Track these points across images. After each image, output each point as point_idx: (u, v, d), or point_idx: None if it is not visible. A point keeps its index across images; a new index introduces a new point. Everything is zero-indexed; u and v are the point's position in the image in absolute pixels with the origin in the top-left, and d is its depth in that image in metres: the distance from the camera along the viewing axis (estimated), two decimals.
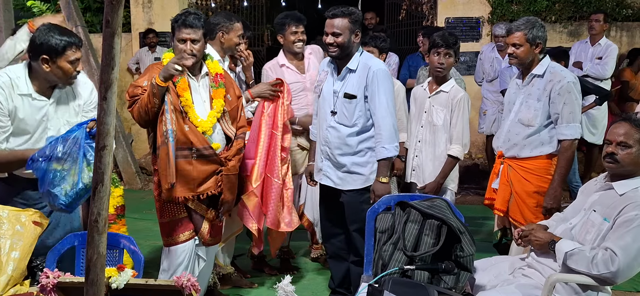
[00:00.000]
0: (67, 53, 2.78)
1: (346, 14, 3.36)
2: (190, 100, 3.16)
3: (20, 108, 2.80)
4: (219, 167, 3.22)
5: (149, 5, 8.65)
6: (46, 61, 2.78)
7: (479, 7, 7.98)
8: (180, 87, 3.15)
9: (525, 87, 3.48)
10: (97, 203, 1.66)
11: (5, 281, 2.42)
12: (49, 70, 2.79)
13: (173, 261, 3.24)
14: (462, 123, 3.69)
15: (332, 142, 3.46)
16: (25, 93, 2.81)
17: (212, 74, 3.31)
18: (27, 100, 2.82)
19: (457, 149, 3.70)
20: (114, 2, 1.59)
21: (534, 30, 3.39)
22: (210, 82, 3.28)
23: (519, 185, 3.47)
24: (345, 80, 3.42)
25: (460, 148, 3.69)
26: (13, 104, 2.79)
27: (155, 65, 3.26)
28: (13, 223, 2.60)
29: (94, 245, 1.68)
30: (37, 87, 2.85)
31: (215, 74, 3.32)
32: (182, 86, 3.16)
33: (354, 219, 3.47)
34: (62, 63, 2.78)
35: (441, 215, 2.78)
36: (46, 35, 2.77)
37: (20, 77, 2.82)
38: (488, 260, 3.07)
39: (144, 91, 3.09)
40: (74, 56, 2.82)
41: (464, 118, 3.69)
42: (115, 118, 1.67)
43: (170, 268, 3.24)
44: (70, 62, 2.80)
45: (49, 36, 2.76)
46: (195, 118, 3.16)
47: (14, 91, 2.79)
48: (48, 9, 9.29)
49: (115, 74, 1.64)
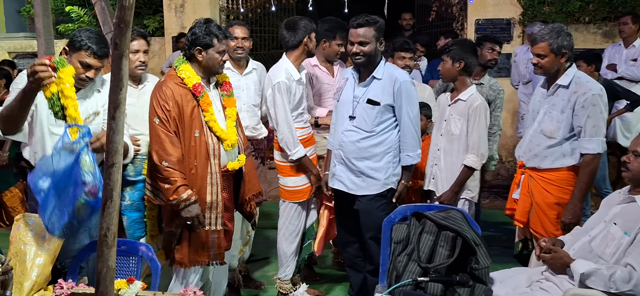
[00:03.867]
0: (81, 52, 2.90)
1: (371, 23, 3.38)
2: (214, 115, 3.18)
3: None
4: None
5: (181, 10, 8.81)
6: (66, 51, 2.97)
7: (510, 8, 7.85)
8: (205, 101, 3.15)
9: (550, 97, 3.39)
10: (106, 219, 1.73)
11: (29, 286, 2.51)
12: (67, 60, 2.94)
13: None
14: (479, 133, 3.63)
15: (347, 146, 3.48)
16: None
17: (220, 82, 3.33)
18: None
19: (472, 159, 3.65)
20: (122, 26, 1.64)
21: (559, 39, 3.27)
22: (220, 91, 3.30)
23: (539, 196, 3.40)
24: (369, 87, 3.45)
25: (476, 158, 3.64)
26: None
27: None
28: (38, 230, 2.69)
29: (103, 259, 1.74)
30: None
31: (224, 82, 3.34)
32: (206, 100, 3.16)
33: (369, 227, 3.47)
34: (74, 59, 2.92)
35: (456, 226, 2.77)
36: (78, 31, 2.97)
37: None
38: (506, 272, 3.04)
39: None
40: (86, 59, 2.91)
41: (480, 127, 3.63)
42: (123, 136, 1.73)
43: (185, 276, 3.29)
44: (81, 62, 2.91)
45: (79, 32, 2.96)
46: (220, 131, 3.17)
47: None
48: (85, 14, 9.60)
49: (123, 94, 1.69)
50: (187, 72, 3.15)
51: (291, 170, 3.84)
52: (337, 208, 3.72)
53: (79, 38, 2.92)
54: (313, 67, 4.21)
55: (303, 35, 3.78)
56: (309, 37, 3.81)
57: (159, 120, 3.04)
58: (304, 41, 3.79)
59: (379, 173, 3.46)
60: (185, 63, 3.19)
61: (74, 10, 9.54)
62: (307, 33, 3.80)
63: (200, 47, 3.13)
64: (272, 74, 3.79)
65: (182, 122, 3.07)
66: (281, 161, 3.88)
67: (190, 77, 3.14)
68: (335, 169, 3.59)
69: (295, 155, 3.74)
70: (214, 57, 3.15)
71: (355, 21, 3.42)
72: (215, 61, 3.16)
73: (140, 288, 2.19)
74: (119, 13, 1.62)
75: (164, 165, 3.00)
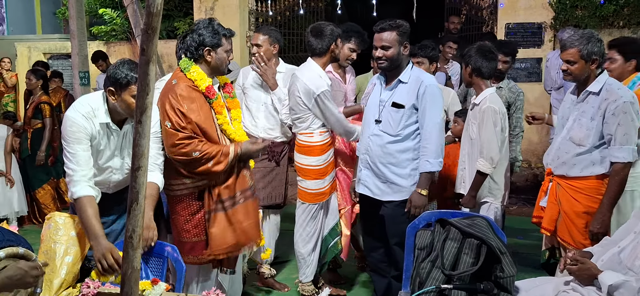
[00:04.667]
0: (131, 87, 2.77)
1: (394, 27, 3.39)
2: (226, 117, 3.20)
3: (99, 136, 2.88)
4: None
5: (211, 12, 8.92)
6: (112, 93, 2.83)
7: (541, 12, 7.73)
8: (218, 104, 3.17)
9: (580, 104, 3.33)
10: (131, 221, 1.76)
11: (58, 284, 2.58)
12: (114, 102, 2.84)
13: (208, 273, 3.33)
14: (487, 136, 3.58)
15: (374, 151, 3.48)
16: (103, 121, 2.88)
17: (222, 84, 3.33)
18: (105, 128, 2.90)
19: (481, 163, 3.60)
20: (149, 32, 1.68)
21: (589, 45, 3.21)
22: (223, 93, 3.30)
23: (567, 204, 3.34)
24: (394, 91, 3.44)
25: (485, 162, 3.59)
26: (95, 131, 2.86)
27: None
28: (68, 229, 2.76)
29: (128, 260, 1.78)
30: (111, 118, 2.91)
31: (225, 85, 3.34)
32: (220, 103, 3.18)
33: (394, 232, 3.46)
34: (126, 97, 2.80)
35: (481, 234, 2.74)
36: (116, 68, 2.82)
37: (100, 108, 2.89)
38: (531, 281, 2.99)
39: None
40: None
41: (488, 131, 3.57)
42: (149, 140, 1.77)
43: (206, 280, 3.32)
44: (133, 96, 2.76)
45: (118, 69, 2.81)
46: (233, 133, 3.20)
47: (95, 120, 2.86)
48: (118, 17, 9.79)
49: (150, 99, 1.73)
50: (198, 74, 3.11)
51: (314, 173, 3.87)
52: (363, 212, 3.72)
53: (123, 74, 2.77)
54: (327, 73, 4.22)
55: (330, 42, 3.82)
56: (335, 44, 3.84)
57: (171, 124, 3.00)
58: (330, 48, 3.83)
59: (404, 180, 3.44)
60: (194, 65, 3.14)
61: (107, 13, 9.75)
62: (334, 39, 3.83)
63: (209, 47, 3.10)
64: (311, 84, 3.75)
65: (204, 122, 3.07)
66: (303, 164, 3.90)
67: (202, 80, 3.10)
68: (361, 174, 3.59)
69: (359, 133, 3.83)
70: (222, 56, 3.15)
71: (378, 26, 3.43)
72: (224, 60, 3.16)
73: (164, 289, 2.23)
74: (147, 19, 1.65)
75: (195, 155, 3.00)
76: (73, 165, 2.80)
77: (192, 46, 3.12)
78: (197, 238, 3.15)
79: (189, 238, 3.15)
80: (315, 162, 3.86)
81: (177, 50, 3.79)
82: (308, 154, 3.87)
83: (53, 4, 12.23)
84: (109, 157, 2.96)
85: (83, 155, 2.81)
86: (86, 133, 2.83)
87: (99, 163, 2.94)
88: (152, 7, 1.63)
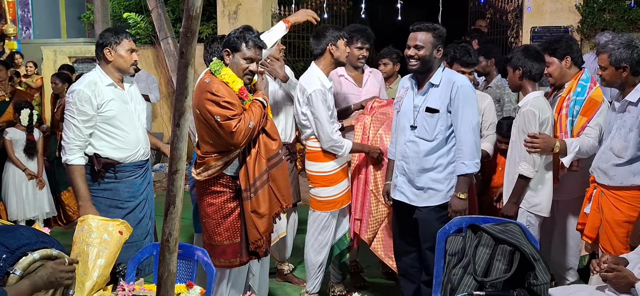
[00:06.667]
0: (124, 42, 3.33)
1: (430, 29, 3.35)
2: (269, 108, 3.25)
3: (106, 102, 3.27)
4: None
5: (234, 16, 8.96)
6: (109, 52, 3.32)
7: (568, 16, 7.59)
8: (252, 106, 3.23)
9: (621, 114, 3.27)
10: (168, 224, 1.76)
11: (90, 286, 2.59)
12: (111, 59, 3.32)
13: (238, 276, 3.34)
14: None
15: (410, 157, 3.43)
16: (108, 83, 3.33)
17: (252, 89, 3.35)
18: (112, 90, 3.33)
19: (523, 167, 3.45)
20: (188, 35, 1.68)
21: (618, 51, 3.15)
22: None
23: (609, 213, 3.27)
24: (427, 95, 3.40)
25: (527, 165, 3.44)
26: (105, 98, 3.27)
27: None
28: (101, 232, 2.77)
29: (165, 263, 1.77)
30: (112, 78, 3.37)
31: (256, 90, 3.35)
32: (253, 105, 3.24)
33: (427, 237, 3.39)
34: (120, 51, 3.32)
35: (514, 240, 2.70)
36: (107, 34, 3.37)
37: (99, 76, 3.35)
38: (565, 289, 2.95)
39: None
40: (129, 46, 3.36)
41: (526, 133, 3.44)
42: (186, 143, 1.76)
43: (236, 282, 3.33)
44: (127, 49, 3.34)
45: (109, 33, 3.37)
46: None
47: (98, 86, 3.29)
48: (142, 21, 9.89)
49: (188, 102, 1.72)
50: (229, 75, 3.13)
51: (325, 181, 3.84)
52: (396, 217, 3.66)
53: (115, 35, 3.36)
54: (339, 76, 4.22)
55: (326, 43, 3.77)
56: (333, 45, 3.77)
57: (221, 117, 3.02)
58: (327, 48, 3.77)
59: (440, 185, 3.38)
60: (225, 67, 3.16)
61: (131, 17, 9.85)
62: (332, 40, 3.77)
63: (228, 48, 3.14)
64: (305, 84, 3.75)
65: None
66: (314, 171, 3.87)
67: (234, 82, 3.12)
68: (396, 180, 3.54)
69: (346, 151, 3.76)
70: (239, 62, 3.13)
71: (414, 25, 3.40)
72: (239, 67, 3.13)
73: (199, 292, 2.23)
74: (186, 22, 1.65)
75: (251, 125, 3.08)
76: (71, 134, 3.23)
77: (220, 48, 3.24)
78: (229, 241, 3.16)
79: (221, 241, 3.15)
80: (324, 168, 3.82)
81: (204, 55, 3.85)
82: (316, 160, 3.84)
83: (78, 8, 12.41)
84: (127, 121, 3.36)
85: (82, 128, 3.23)
86: (91, 105, 3.23)
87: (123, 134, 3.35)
88: (191, 10, 1.63)
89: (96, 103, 3.24)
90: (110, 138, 3.30)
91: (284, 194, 3.32)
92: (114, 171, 3.32)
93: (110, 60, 3.32)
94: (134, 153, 3.38)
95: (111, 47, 3.31)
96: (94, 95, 3.24)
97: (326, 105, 3.71)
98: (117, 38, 3.33)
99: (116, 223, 2.87)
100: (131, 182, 3.40)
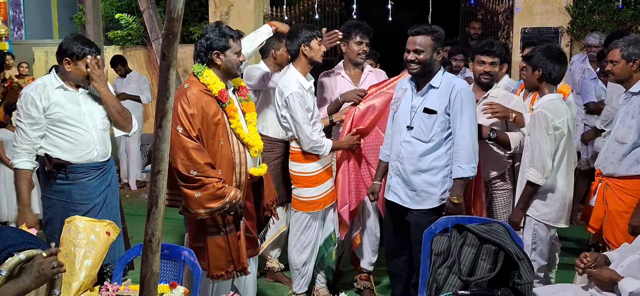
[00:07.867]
0: (85, 58, 3.30)
1: (429, 32, 3.35)
2: (240, 121, 3.17)
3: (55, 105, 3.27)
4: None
5: (226, 17, 8.95)
6: (68, 62, 3.30)
7: (558, 17, 7.65)
8: (232, 108, 3.15)
9: (625, 105, 3.50)
10: (151, 225, 1.77)
11: (77, 287, 2.60)
12: (69, 70, 3.31)
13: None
14: (538, 143, 3.29)
15: (405, 157, 3.43)
16: (58, 85, 3.31)
17: (237, 87, 3.33)
18: (61, 92, 3.31)
19: (531, 173, 3.33)
20: (170, 37, 1.69)
21: (631, 47, 3.42)
22: (237, 97, 3.30)
23: (613, 204, 3.46)
24: (425, 96, 3.40)
25: (535, 171, 3.32)
26: (51, 100, 3.26)
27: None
28: (88, 233, 2.78)
29: (147, 264, 1.79)
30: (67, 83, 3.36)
31: (240, 87, 3.33)
32: (233, 107, 3.16)
33: (418, 240, 3.31)
34: (80, 65, 3.30)
35: (499, 239, 2.73)
36: (71, 42, 3.32)
37: (51, 79, 3.34)
38: (550, 288, 2.98)
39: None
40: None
41: (538, 136, 3.31)
42: (168, 144, 1.78)
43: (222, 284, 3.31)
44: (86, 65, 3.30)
45: (72, 44, 3.31)
46: (247, 138, 3.18)
47: (48, 89, 3.28)
48: (134, 21, 9.87)
49: (170, 104, 1.74)
50: (211, 78, 3.11)
51: (308, 181, 3.83)
52: (388, 218, 3.66)
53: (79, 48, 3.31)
54: (336, 75, 4.20)
55: (299, 44, 3.73)
56: (307, 46, 3.71)
57: (183, 129, 2.98)
58: (300, 49, 3.74)
59: (434, 188, 3.38)
60: (207, 69, 3.15)
61: (123, 18, 9.84)
62: (304, 41, 3.71)
63: (217, 50, 3.11)
64: (283, 86, 3.72)
65: (206, 130, 3.04)
66: (297, 172, 3.86)
67: (215, 84, 3.10)
68: (391, 181, 3.54)
69: (327, 150, 3.77)
70: (232, 58, 3.14)
71: (413, 29, 3.39)
72: (234, 62, 3.16)
73: (182, 293, 2.24)
74: (168, 24, 1.66)
75: (193, 174, 2.95)
76: (19, 137, 3.28)
77: (201, 51, 3.15)
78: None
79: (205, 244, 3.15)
80: (307, 169, 3.80)
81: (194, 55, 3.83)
82: (298, 161, 3.83)
83: (70, 9, 12.38)
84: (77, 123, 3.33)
85: (30, 132, 3.26)
86: (37, 110, 3.25)
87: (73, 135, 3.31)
88: (173, 12, 1.65)
89: (42, 106, 3.24)
90: (61, 140, 3.28)
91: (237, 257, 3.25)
92: (66, 172, 3.29)
93: (69, 71, 3.32)
94: (85, 154, 3.33)
95: (72, 59, 3.31)
96: (40, 98, 3.24)
97: (305, 108, 3.68)
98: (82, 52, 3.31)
99: (104, 224, 2.88)
100: (85, 184, 3.34)
